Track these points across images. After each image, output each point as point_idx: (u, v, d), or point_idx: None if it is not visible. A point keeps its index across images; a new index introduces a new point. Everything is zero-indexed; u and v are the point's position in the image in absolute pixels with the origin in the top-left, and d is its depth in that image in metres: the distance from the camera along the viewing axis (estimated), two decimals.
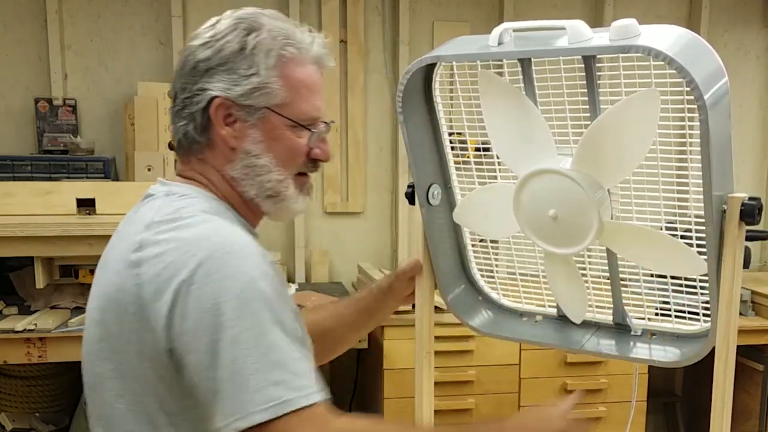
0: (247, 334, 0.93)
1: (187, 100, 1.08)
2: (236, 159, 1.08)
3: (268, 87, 1.06)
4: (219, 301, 0.93)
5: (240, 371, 0.92)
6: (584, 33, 1.01)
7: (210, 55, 1.06)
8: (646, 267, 1.12)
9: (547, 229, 1.10)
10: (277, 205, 1.12)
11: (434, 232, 1.26)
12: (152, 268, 0.98)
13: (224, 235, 0.99)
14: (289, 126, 1.09)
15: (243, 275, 0.95)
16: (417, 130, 1.23)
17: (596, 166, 1.04)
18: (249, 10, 1.09)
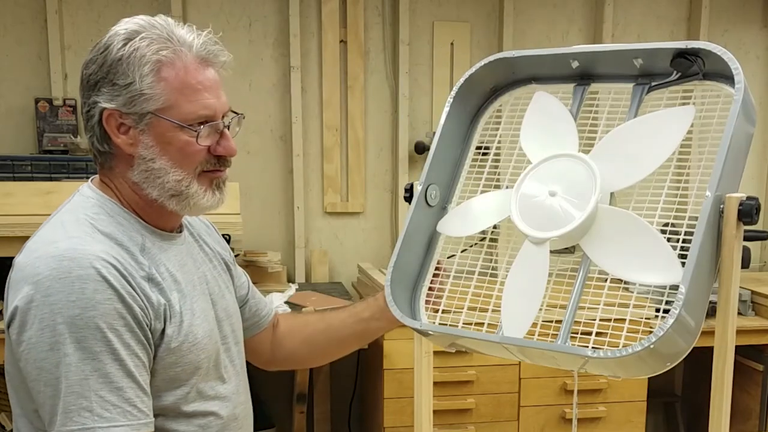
0: (67, 359, 1.01)
1: (86, 114, 1.14)
2: (135, 164, 1.13)
3: (145, 93, 1.09)
4: (48, 324, 1.01)
5: (59, 393, 1.01)
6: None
7: (95, 69, 1.11)
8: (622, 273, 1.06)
9: (537, 212, 1.07)
10: (183, 203, 1.15)
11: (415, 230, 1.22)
12: (15, 273, 1.08)
13: (71, 258, 1.03)
14: (177, 128, 1.11)
15: (75, 302, 1.01)
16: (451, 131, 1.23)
17: (610, 164, 1.05)
18: (135, 19, 1.14)
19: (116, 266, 1.06)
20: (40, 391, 1.03)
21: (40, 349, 1.01)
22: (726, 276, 1.00)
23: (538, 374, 2.75)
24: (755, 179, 3.51)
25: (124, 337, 1.04)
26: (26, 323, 1.03)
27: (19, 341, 1.03)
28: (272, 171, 3.18)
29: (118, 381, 1.03)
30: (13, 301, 1.05)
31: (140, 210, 1.16)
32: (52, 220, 1.14)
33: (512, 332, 1.09)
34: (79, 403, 1.00)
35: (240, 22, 3.03)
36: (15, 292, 1.05)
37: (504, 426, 2.75)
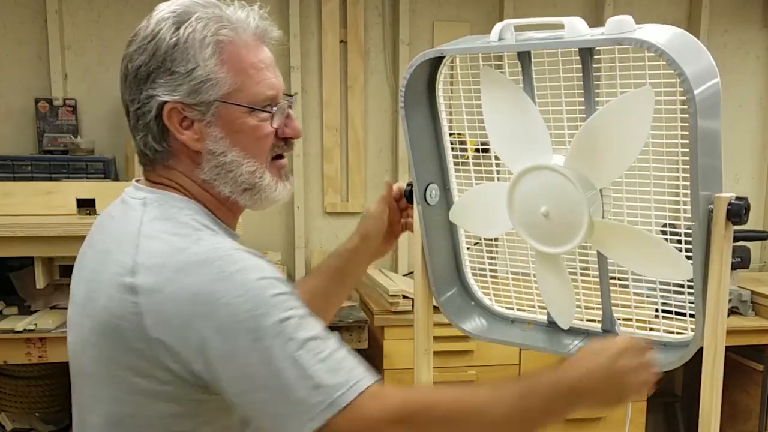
0: (287, 343, 0.91)
1: (139, 111, 1.02)
2: (203, 161, 1.03)
3: (211, 78, 0.99)
4: (231, 329, 0.91)
5: (285, 385, 0.90)
6: (581, 29, 1.02)
7: (145, 59, 0.99)
8: (635, 270, 1.12)
9: (539, 228, 1.11)
10: (255, 197, 1.06)
11: (431, 232, 1.26)
12: (152, 297, 0.94)
13: (219, 258, 0.94)
14: (247, 112, 1.02)
15: (245, 296, 0.91)
16: (418, 129, 1.23)
17: (589, 164, 1.05)
18: (177, 2, 1.02)
19: (252, 253, 0.97)
20: (255, 399, 0.92)
21: (236, 356, 0.90)
22: (715, 275, 1.00)
23: None
24: (755, 179, 3.51)
25: (298, 301, 0.96)
26: (206, 340, 0.91)
27: (208, 361, 0.92)
28: None
29: (325, 336, 0.94)
30: (168, 325, 0.92)
31: (215, 210, 1.06)
32: (144, 230, 0.99)
33: (563, 325, 1.23)
34: (309, 383, 0.90)
35: None
36: (165, 315, 0.92)
37: None
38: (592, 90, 1.08)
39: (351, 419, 0.91)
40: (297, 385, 0.90)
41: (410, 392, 1.02)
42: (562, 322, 1.22)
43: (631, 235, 1.07)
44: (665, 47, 0.93)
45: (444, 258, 1.31)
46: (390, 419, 0.93)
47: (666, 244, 1.05)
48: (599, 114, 1.03)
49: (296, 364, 0.90)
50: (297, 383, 0.90)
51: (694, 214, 0.99)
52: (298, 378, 0.90)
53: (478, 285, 1.34)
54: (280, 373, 0.90)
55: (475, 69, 1.16)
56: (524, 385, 0.99)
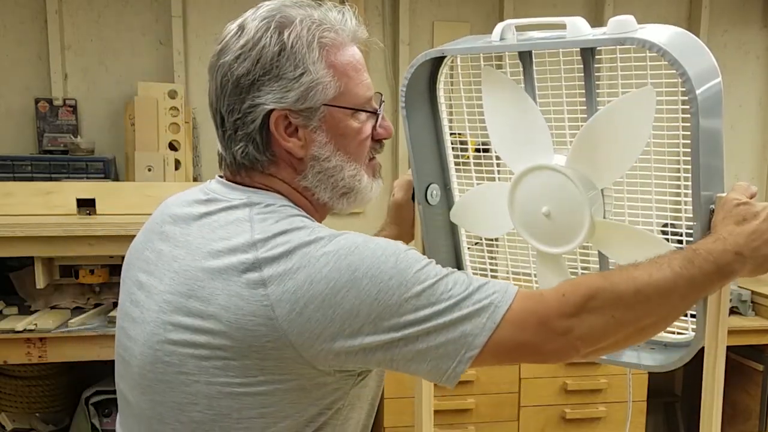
0: (428, 291, 0.90)
1: (239, 121, 0.98)
2: (306, 168, 1.01)
3: (320, 82, 0.97)
4: (380, 290, 0.89)
5: (444, 328, 0.90)
6: (583, 29, 1.02)
7: (249, 67, 0.96)
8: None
9: (540, 228, 1.11)
10: (351, 200, 1.06)
11: (431, 232, 1.26)
12: (283, 284, 0.90)
13: (343, 236, 0.93)
14: (351, 115, 1.01)
15: (385, 263, 0.90)
16: (419, 129, 1.23)
17: (591, 164, 1.05)
18: (270, 5, 1.00)
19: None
20: (427, 348, 0.90)
21: (385, 326, 0.89)
22: None
23: (538, 374, 2.75)
24: (755, 179, 3.51)
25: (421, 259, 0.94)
26: (354, 316, 0.89)
27: (360, 333, 0.89)
28: None
29: (459, 274, 0.94)
30: (302, 313, 0.89)
31: (311, 215, 1.03)
32: (259, 228, 0.94)
33: None
34: (469, 307, 0.90)
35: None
36: (299, 303, 0.89)
37: (504, 426, 2.75)
38: (594, 90, 1.08)
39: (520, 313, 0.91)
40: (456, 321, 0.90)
41: (566, 284, 0.98)
42: None
43: (632, 235, 1.07)
44: (667, 47, 0.93)
45: (445, 258, 1.31)
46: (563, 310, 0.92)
47: (667, 244, 1.05)
48: (601, 114, 1.03)
49: (453, 307, 0.90)
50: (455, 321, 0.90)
51: (695, 213, 0.99)
52: (455, 320, 0.90)
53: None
54: (431, 321, 0.90)
55: (476, 69, 1.16)
56: (687, 255, 0.95)
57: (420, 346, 0.91)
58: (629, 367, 1.19)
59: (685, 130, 0.98)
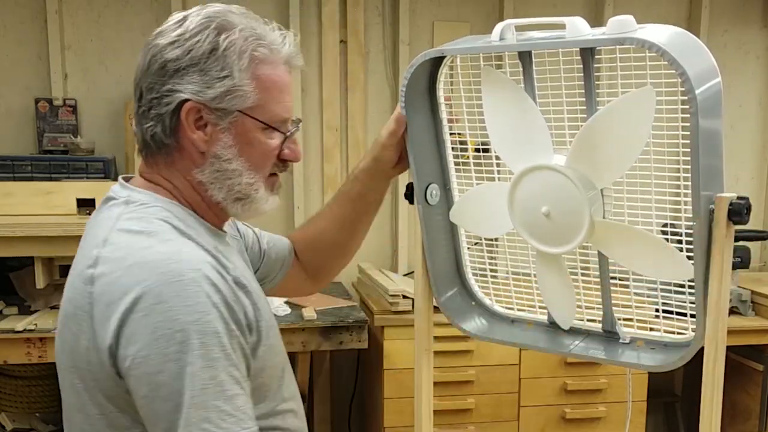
0: (190, 368, 0.92)
1: (155, 101, 1.04)
2: (205, 163, 1.06)
3: (240, 90, 1.03)
4: (164, 333, 0.92)
5: (181, 406, 0.92)
6: (583, 29, 1.02)
7: (179, 54, 1.02)
8: (635, 270, 1.12)
9: (540, 228, 1.11)
10: (245, 207, 1.10)
11: (431, 232, 1.26)
12: (103, 287, 0.96)
13: (177, 261, 0.96)
14: (262, 129, 1.06)
15: (191, 307, 0.93)
16: (418, 129, 1.23)
17: (590, 164, 1.05)
18: (218, 7, 1.06)
19: (218, 269, 0.99)
20: (155, 408, 0.93)
21: (155, 362, 0.92)
22: (716, 275, 1.00)
23: (538, 374, 2.75)
24: (755, 179, 3.51)
25: (234, 342, 0.97)
26: (135, 335, 0.93)
27: (125, 356, 0.93)
28: None
29: (230, 389, 0.95)
30: (112, 316, 0.94)
31: (202, 211, 1.09)
32: (119, 225, 1.01)
33: (564, 325, 1.22)
34: (199, 414, 0.92)
35: None
36: (110, 306, 0.94)
37: (504, 426, 2.75)
38: (594, 90, 1.08)
39: None
40: (191, 413, 0.92)
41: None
42: (562, 323, 1.22)
43: (631, 235, 1.07)
44: (666, 47, 0.93)
45: (444, 258, 1.31)
46: None
47: (667, 244, 1.05)
48: (600, 114, 1.03)
49: (202, 392, 0.92)
50: (192, 410, 0.92)
51: (695, 213, 0.99)
52: (194, 405, 0.92)
53: (478, 285, 1.34)
54: (184, 392, 0.92)
55: (476, 69, 1.16)
56: None
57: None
58: (629, 367, 1.19)
59: (684, 131, 0.98)
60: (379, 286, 2.78)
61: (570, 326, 1.23)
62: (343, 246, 1.43)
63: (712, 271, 1.00)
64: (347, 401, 3.22)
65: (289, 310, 2.62)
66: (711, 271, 1.00)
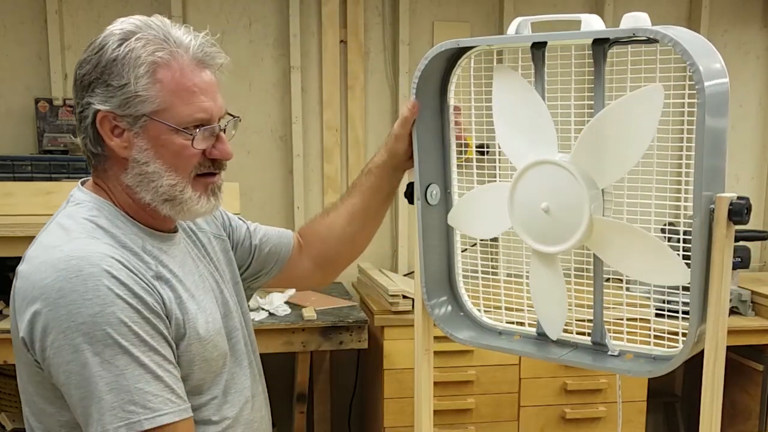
0: (98, 358, 0.99)
1: (80, 114, 1.11)
2: (129, 167, 1.11)
3: (140, 95, 1.07)
4: (69, 326, 0.99)
5: (93, 393, 0.99)
6: (597, 26, 1.03)
7: (89, 69, 1.08)
8: (632, 274, 1.11)
9: (538, 225, 1.11)
10: (176, 208, 1.13)
11: (427, 232, 1.26)
12: (20, 282, 1.05)
13: (78, 258, 1.01)
14: (173, 131, 1.09)
15: (91, 300, 0.99)
16: (425, 128, 1.24)
17: (594, 161, 1.05)
18: (131, 19, 1.11)
19: (125, 264, 1.04)
20: (71, 395, 1.01)
21: (65, 353, 0.99)
22: (717, 275, 1.00)
23: (538, 374, 2.75)
24: (755, 179, 3.51)
25: (150, 327, 1.03)
26: (46, 330, 1.00)
27: (43, 348, 1.01)
28: (272, 171, 3.18)
29: (155, 370, 1.02)
30: (25, 311, 1.02)
31: (134, 213, 1.14)
32: (49, 226, 1.12)
33: (552, 335, 1.21)
34: (120, 398, 0.99)
35: (240, 22, 3.03)
36: (24, 301, 1.03)
37: (504, 426, 2.74)
38: (603, 87, 1.08)
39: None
40: (109, 398, 0.99)
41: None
42: (551, 332, 1.21)
43: (629, 234, 1.07)
44: (679, 39, 0.94)
45: (437, 263, 1.30)
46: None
47: (664, 245, 1.04)
48: (608, 110, 1.03)
49: (118, 377, 0.99)
50: (110, 396, 0.99)
51: (695, 213, 0.99)
52: (114, 391, 0.99)
53: (468, 294, 1.33)
54: (95, 380, 0.99)
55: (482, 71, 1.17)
56: None
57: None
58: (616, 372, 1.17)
59: (689, 133, 0.98)
60: (379, 286, 2.78)
61: (558, 337, 1.21)
62: (352, 238, 1.46)
63: (712, 271, 1.00)
64: (347, 401, 3.22)
65: (289, 310, 2.62)
66: (711, 271, 1.00)
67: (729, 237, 0.99)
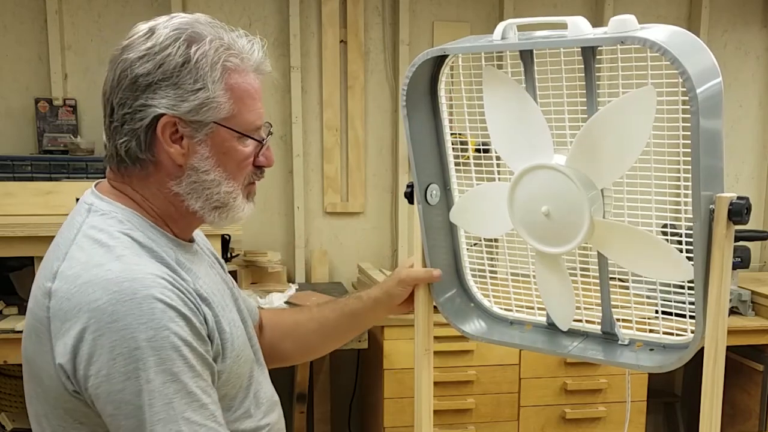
0: (150, 385, 0.94)
1: (128, 116, 1.03)
2: (183, 176, 1.06)
3: (215, 101, 1.03)
4: (121, 352, 0.93)
5: (144, 424, 0.94)
6: (584, 29, 1.02)
7: (151, 69, 1.01)
8: (635, 270, 1.12)
9: (540, 227, 1.11)
10: (224, 215, 1.10)
11: (431, 232, 1.26)
12: (58, 303, 0.97)
13: (130, 280, 0.96)
14: (237, 138, 1.07)
15: (145, 324, 0.94)
16: (419, 128, 1.23)
17: (591, 163, 1.05)
18: (185, 18, 1.06)
19: (173, 283, 0.99)
20: (120, 425, 0.95)
21: (115, 381, 0.93)
22: (716, 275, 1.00)
23: (538, 374, 2.75)
24: (755, 179, 3.51)
25: (196, 353, 0.98)
26: (93, 355, 0.94)
27: (87, 376, 0.95)
28: (272, 171, 3.18)
29: (201, 398, 0.97)
30: (67, 334, 0.95)
31: (170, 221, 1.09)
32: (78, 239, 1.03)
33: (563, 326, 1.22)
34: (168, 428, 0.94)
35: (240, 22, 3.02)
36: (65, 323, 0.95)
37: (504, 426, 2.75)
38: (595, 90, 1.08)
39: None
40: (157, 428, 0.94)
41: None
42: (561, 324, 1.22)
43: (631, 235, 1.07)
44: (668, 46, 0.93)
45: (443, 259, 1.31)
46: None
47: (666, 244, 1.05)
48: (601, 113, 1.03)
49: (167, 407, 0.94)
50: (158, 426, 0.94)
51: (695, 213, 0.99)
52: (161, 421, 0.94)
53: (477, 287, 1.34)
54: (145, 410, 0.93)
55: (477, 69, 1.16)
56: None
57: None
58: (627, 368, 1.19)
59: (685, 131, 0.98)
60: None
61: (569, 328, 1.22)
62: (308, 345, 1.43)
63: (712, 271, 1.00)
64: (347, 401, 3.22)
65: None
66: (711, 271, 1.00)
67: (729, 237, 0.99)
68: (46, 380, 1.00)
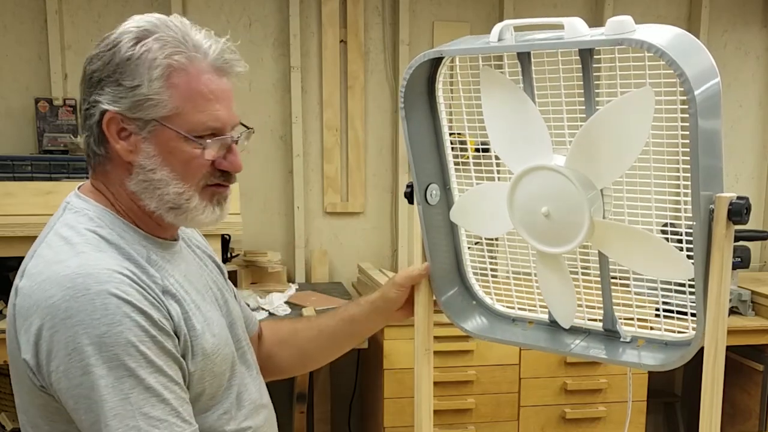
0: (105, 380, 0.94)
1: (86, 112, 1.05)
2: (133, 173, 1.05)
3: (153, 99, 1.01)
4: (75, 347, 0.94)
5: (101, 418, 0.94)
6: (581, 30, 1.02)
7: (100, 65, 1.03)
8: (636, 269, 1.12)
9: (540, 228, 1.11)
10: (181, 217, 1.08)
11: (431, 232, 1.26)
12: (21, 300, 0.99)
13: (84, 275, 0.96)
14: (182, 138, 1.04)
15: (98, 320, 0.94)
16: (418, 129, 1.23)
17: (590, 164, 1.05)
18: (149, 17, 1.06)
19: (133, 279, 0.99)
20: (82, 420, 0.96)
21: (72, 376, 0.94)
22: (716, 275, 1.00)
23: (538, 374, 2.75)
24: (755, 179, 3.51)
25: (157, 348, 0.98)
26: (51, 352, 0.95)
27: (49, 373, 0.96)
28: (272, 171, 3.18)
29: (161, 393, 0.97)
30: (28, 330, 0.97)
31: (138, 220, 1.09)
32: (48, 237, 1.04)
33: (565, 324, 1.23)
34: (125, 424, 0.94)
35: (240, 22, 3.03)
36: (26, 321, 0.97)
37: (504, 426, 2.75)
38: (593, 90, 1.08)
39: None
40: (114, 423, 0.94)
41: None
42: (563, 322, 1.23)
43: (631, 235, 1.07)
44: (665, 48, 0.93)
45: (445, 258, 1.31)
46: None
47: (667, 244, 1.05)
48: (599, 114, 1.03)
49: (123, 402, 0.94)
50: (115, 421, 0.94)
51: (695, 213, 0.99)
52: (117, 416, 0.94)
53: (479, 285, 1.34)
54: (101, 404, 0.94)
55: (475, 69, 1.16)
56: None
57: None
58: (630, 366, 1.19)
59: (684, 131, 0.98)
60: (379, 285, 2.77)
61: (571, 325, 1.23)
62: (309, 354, 1.42)
63: (712, 271, 1.00)
64: (347, 401, 3.22)
65: (289, 309, 2.62)
66: (711, 270, 1.00)
67: (729, 237, 0.99)
68: (21, 376, 1.02)
